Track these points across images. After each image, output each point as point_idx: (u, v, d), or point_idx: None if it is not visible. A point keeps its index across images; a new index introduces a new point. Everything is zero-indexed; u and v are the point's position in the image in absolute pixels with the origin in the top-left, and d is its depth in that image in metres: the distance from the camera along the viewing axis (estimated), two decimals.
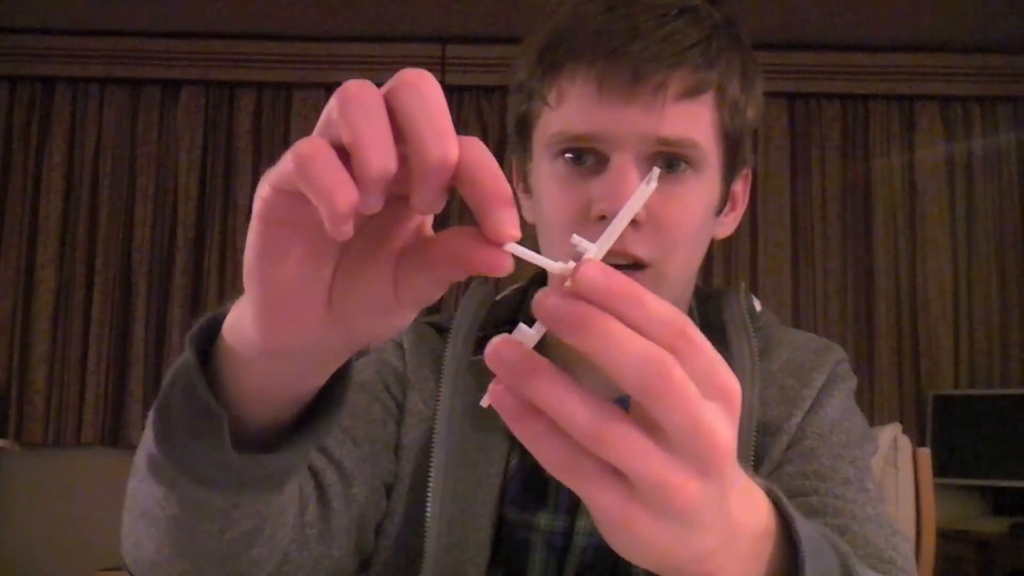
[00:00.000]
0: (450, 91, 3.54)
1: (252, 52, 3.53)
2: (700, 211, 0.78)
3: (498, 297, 0.91)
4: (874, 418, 3.32)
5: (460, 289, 3.46)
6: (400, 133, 0.38)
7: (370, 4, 3.35)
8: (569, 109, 0.76)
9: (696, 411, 0.37)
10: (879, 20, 3.40)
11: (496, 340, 0.38)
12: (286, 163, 0.39)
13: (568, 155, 0.77)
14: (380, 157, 0.37)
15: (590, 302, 0.37)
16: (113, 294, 3.46)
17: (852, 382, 0.87)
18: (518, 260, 0.40)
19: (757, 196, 3.53)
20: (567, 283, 0.38)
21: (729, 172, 0.82)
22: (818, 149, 3.57)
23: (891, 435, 1.61)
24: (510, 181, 0.91)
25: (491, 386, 0.39)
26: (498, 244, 0.39)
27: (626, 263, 0.75)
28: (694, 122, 0.75)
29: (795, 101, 3.57)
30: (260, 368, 0.47)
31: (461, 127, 3.52)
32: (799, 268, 3.52)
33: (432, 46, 3.52)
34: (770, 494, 0.49)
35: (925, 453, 1.59)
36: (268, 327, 0.44)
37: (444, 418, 0.83)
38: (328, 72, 3.55)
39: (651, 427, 0.38)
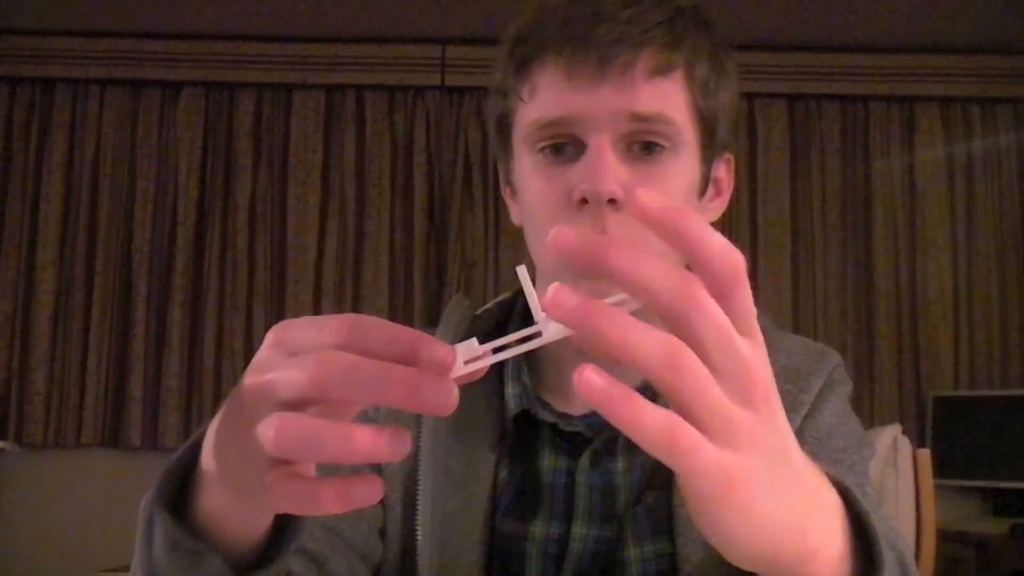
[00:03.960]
0: (450, 92, 3.54)
1: (252, 53, 3.53)
2: (680, 191, 0.78)
3: (478, 311, 0.91)
4: (874, 419, 3.32)
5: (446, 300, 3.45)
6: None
7: (370, 4, 3.35)
8: (541, 98, 0.77)
9: (730, 336, 0.39)
10: (879, 20, 3.40)
11: (553, 288, 0.38)
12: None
13: (547, 147, 0.77)
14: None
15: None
16: (113, 295, 3.46)
17: (848, 387, 0.87)
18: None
19: (757, 196, 3.53)
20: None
21: (708, 153, 0.81)
22: (818, 149, 3.56)
23: (891, 436, 1.60)
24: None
25: (582, 371, 0.38)
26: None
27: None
28: (666, 99, 0.76)
29: (795, 101, 3.57)
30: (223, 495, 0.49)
31: (460, 128, 3.53)
32: (799, 268, 3.52)
33: (432, 46, 3.52)
34: (834, 481, 0.50)
35: (925, 454, 1.59)
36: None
37: (428, 437, 0.82)
38: (328, 73, 3.55)
39: None
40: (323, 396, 0.39)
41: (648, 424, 0.37)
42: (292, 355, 0.41)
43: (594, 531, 0.79)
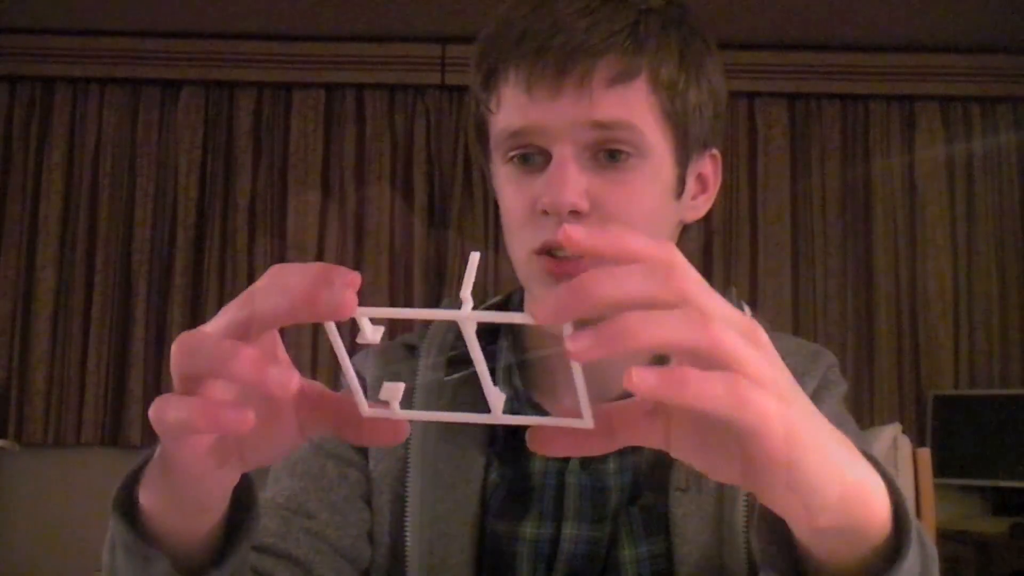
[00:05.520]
0: (450, 91, 3.54)
1: (252, 52, 3.53)
2: (649, 196, 0.78)
3: None
4: (874, 418, 3.32)
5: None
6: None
7: (370, 4, 3.35)
8: (506, 109, 0.78)
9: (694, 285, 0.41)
10: (879, 20, 3.40)
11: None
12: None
13: (516, 157, 0.78)
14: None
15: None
16: (113, 294, 3.46)
17: (843, 387, 0.86)
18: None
19: (757, 196, 3.53)
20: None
21: (682, 154, 0.80)
22: (818, 149, 3.56)
23: (891, 435, 1.60)
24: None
25: (630, 375, 0.39)
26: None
27: (574, 255, 0.74)
28: (627, 105, 0.75)
29: (795, 101, 3.57)
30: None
31: (460, 127, 3.53)
32: (799, 268, 3.52)
33: (432, 46, 3.52)
34: (876, 465, 0.50)
35: (925, 453, 1.58)
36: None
37: (418, 440, 0.82)
38: (328, 72, 3.55)
39: None
40: (190, 368, 0.44)
41: (710, 390, 0.39)
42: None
43: (585, 531, 0.80)
